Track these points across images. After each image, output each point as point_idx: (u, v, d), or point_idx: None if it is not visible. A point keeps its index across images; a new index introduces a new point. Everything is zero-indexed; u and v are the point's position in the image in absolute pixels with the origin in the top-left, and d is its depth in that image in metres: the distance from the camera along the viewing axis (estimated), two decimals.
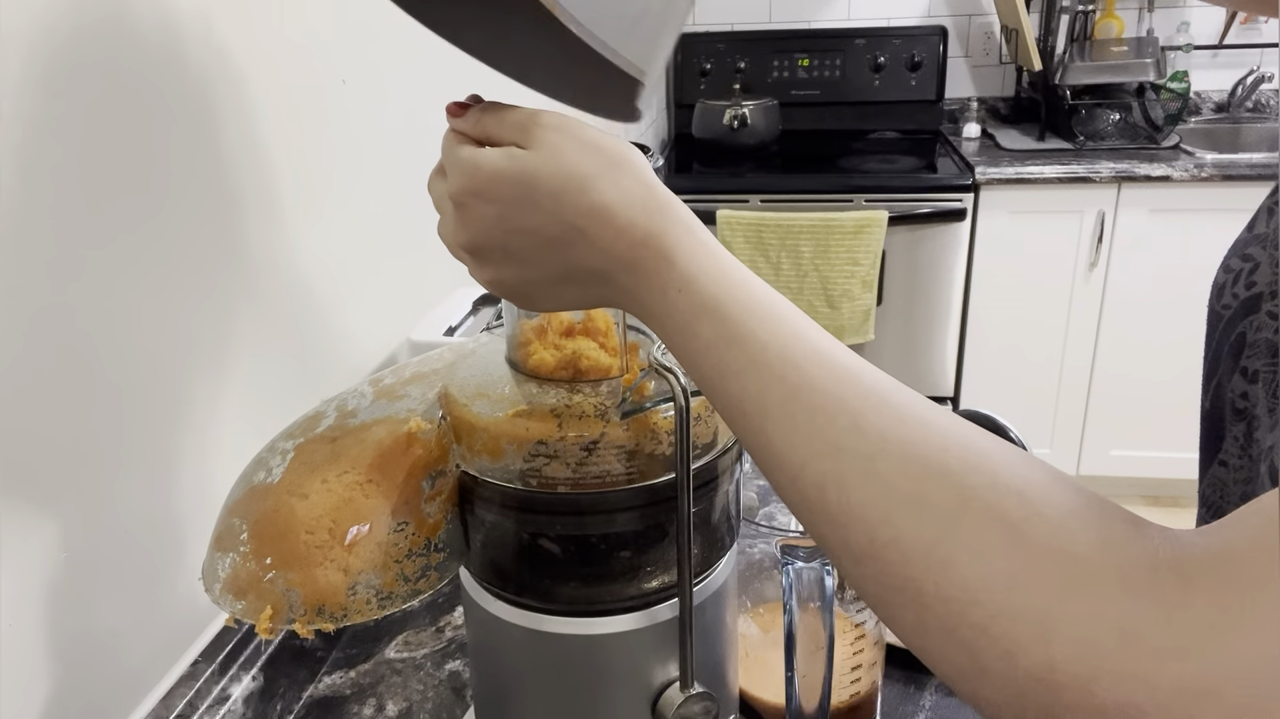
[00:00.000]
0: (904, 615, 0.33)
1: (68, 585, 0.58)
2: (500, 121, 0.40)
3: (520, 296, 0.42)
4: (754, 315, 0.37)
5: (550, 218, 0.38)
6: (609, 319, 0.47)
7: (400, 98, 1.03)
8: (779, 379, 0.36)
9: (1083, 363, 2.37)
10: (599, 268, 0.39)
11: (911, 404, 0.35)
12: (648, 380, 0.44)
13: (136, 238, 0.62)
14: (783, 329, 0.37)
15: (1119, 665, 0.27)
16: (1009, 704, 0.30)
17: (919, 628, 0.32)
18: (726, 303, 0.37)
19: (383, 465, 0.44)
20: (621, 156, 0.39)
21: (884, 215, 2.16)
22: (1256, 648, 0.26)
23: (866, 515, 0.34)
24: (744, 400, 0.37)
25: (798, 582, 0.57)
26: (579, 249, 0.38)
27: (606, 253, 0.38)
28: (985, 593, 0.30)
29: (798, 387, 0.36)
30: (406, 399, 0.47)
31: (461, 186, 0.40)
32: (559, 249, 0.39)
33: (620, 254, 0.38)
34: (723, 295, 0.37)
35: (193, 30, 0.67)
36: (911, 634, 0.33)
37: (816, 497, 0.35)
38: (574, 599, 0.47)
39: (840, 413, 0.35)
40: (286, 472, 0.44)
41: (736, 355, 0.37)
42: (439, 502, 0.45)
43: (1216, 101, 2.65)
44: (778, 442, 0.36)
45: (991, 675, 0.30)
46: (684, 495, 0.44)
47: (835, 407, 0.35)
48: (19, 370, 0.53)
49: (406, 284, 1.06)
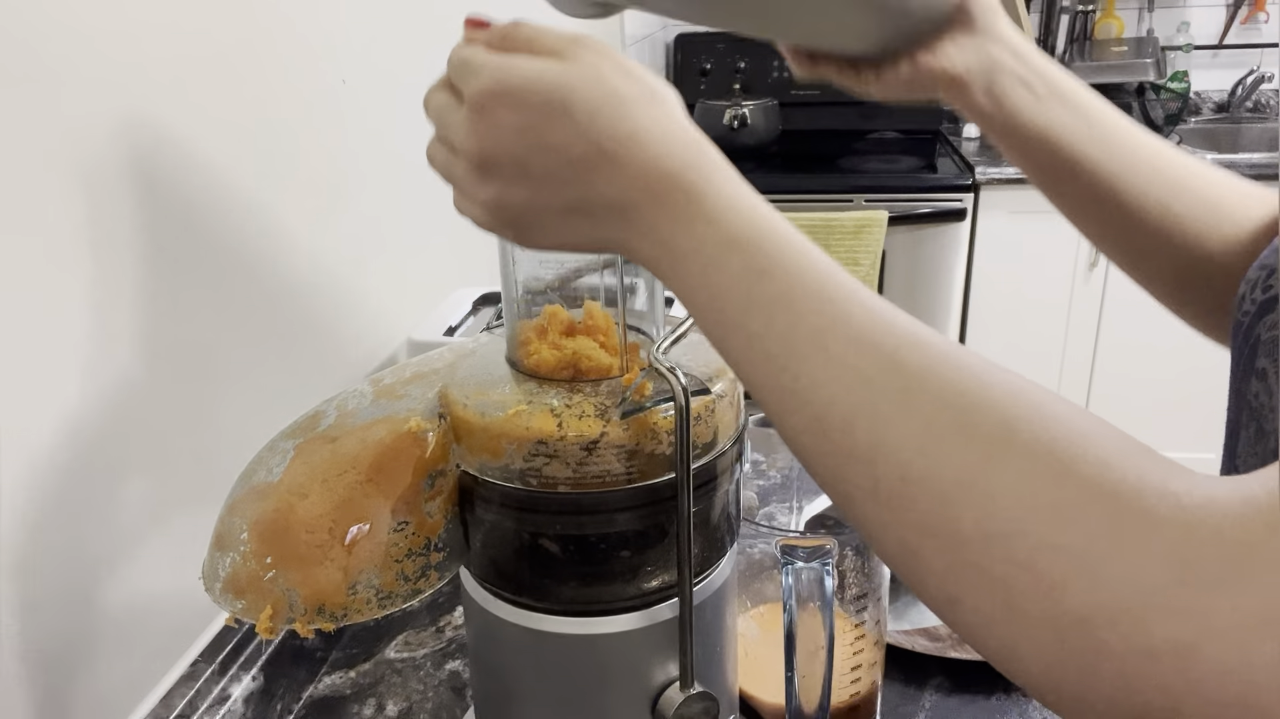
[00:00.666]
0: (933, 561, 0.31)
1: (68, 585, 0.58)
2: (535, 35, 0.38)
3: (520, 225, 0.39)
4: (787, 250, 0.36)
5: (580, 136, 0.36)
6: (609, 318, 0.47)
7: (401, 98, 1.03)
8: (813, 313, 0.34)
9: (1083, 363, 2.37)
10: (619, 199, 0.36)
11: (949, 344, 0.34)
12: (647, 380, 0.44)
13: (136, 238, 0.62)
14: (817, 266, 0.35)
15: (1171, 600, 0.26)
16: (1046, 652, 0.28)
17: (950, 573, 0.30)
18: (758, 237, 0.36)
19: (383, 465, 0.44)
20: (660, 89, 0.38)
21: (884, 215, 2.16)
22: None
23: (901, 449, 0.32)
24: (768, 338, 0.35)
25: (797, 581, 0.57)
26: (602, 174, 0.36)
27: (633, 181, 0.36)
28: (1030, 524, 0.29)
29: (834, 319, 0.34)
30: (407, 399, 0.47)
31: (485, 88, 0.37)
32: (581, 171, 0.36)
33: (649, 184, 0.36)
34: (755, 229, 0.36)
35: (193, 30, 0.67)
36: (941, 581, 0.31)
37: (842, 435, 0.33)
38: (574, 599, 0.47)
39: (878, 346, 0.33)
40: (286, 471, 0.44)
41: (767, 288, 0.35)
42: (439, 501, 0.45)
43: (1216, 101, 2.65)
44: (803, 379, 0.34)
45: (1029, 619, 0.28)
46: (684, 495, 0.44)
47: (872, 340, 0.33)
48: (19, 370, 0.53)
49: (406, 284, 1.06)
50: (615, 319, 0.47)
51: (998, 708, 0.69)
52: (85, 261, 0.58)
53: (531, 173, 0.37)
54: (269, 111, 0.77)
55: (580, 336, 0.46)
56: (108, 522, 0.61)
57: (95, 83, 0.58)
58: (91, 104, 0.58)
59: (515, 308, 0.48)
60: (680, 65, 2.70)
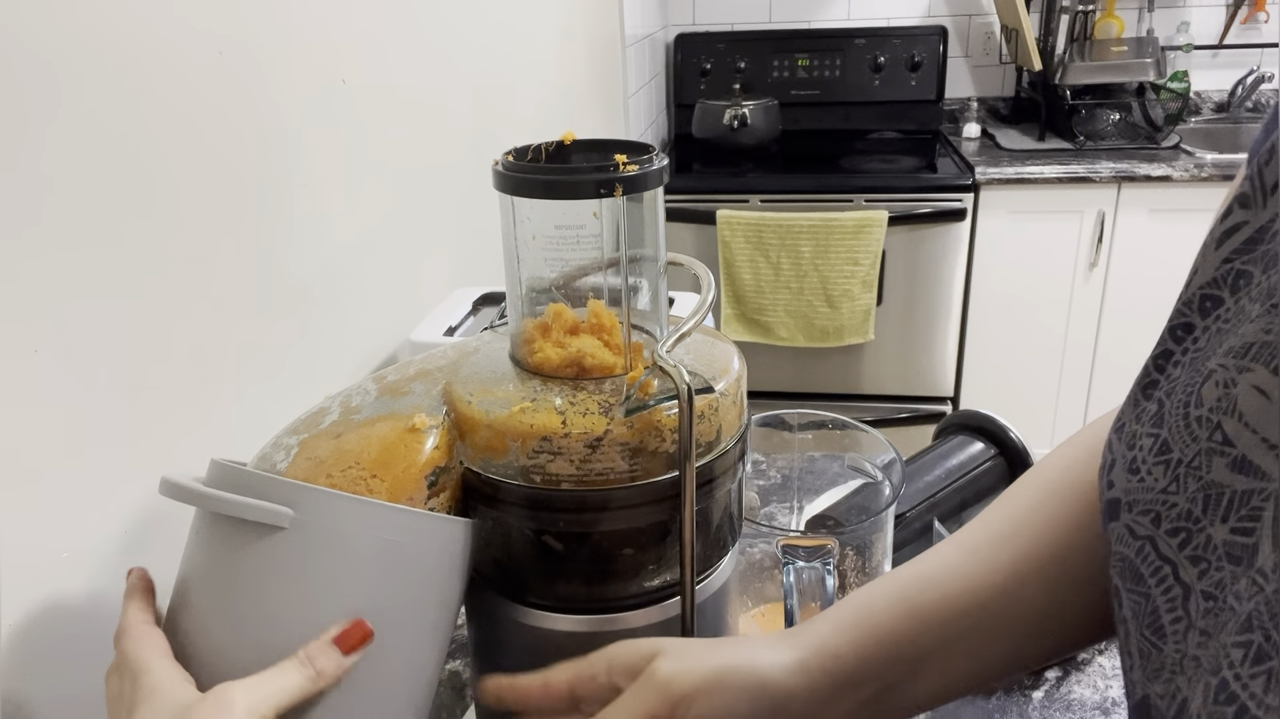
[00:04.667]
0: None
1: (68, 585, 0.58)
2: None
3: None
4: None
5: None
6: (613, 317, 0.47)
7: (401, 98, 1.03)
8: None
9: (1083, 363, 2.37)
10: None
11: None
12: (651, 378, 0.44)
13: (135, 238, 0.62)
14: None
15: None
16: None
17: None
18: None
19: (388, 461, 0.44)
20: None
21: (884, 215, 2.16)
22: None
23: None
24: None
25: (799, 580, 0.57)
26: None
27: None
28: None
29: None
30: (411, 395, 0.47)
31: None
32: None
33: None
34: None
35: (194, 31, 0.67)
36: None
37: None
38: (576, 597, 0.47)
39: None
40: (290, 467, 0.44)
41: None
42: (442, 498, 0.45)
43: (1216, 101, 2.66)
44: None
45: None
46: (687, 492, 0.44)
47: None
48: (18, 369, 0.53)
49: (406, 284, 1.06)
50: (619, 318, 0.47)
51: (998, 708, 0.69)
52: (84, 261, 0.58)
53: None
54: (269, 111, 0.77)
55: (584, 335, 0.46)
56: (108, 520, 0.61)
57: (95, 82, 0.58)
58: (92, 104, 0.58)
59: (520, 306, 0.48)
60: (680, 65, 2.70)
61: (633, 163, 0.44)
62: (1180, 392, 0.33)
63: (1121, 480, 0.34)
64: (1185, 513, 0.31)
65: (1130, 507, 0.33)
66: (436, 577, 0.45)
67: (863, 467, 0.69)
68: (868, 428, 0.68)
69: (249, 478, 0.42)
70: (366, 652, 0.42)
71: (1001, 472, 0.88)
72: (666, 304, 0.50)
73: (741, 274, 2.26)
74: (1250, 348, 0.30)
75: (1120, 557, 0.34)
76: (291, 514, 0.41)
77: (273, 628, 0.42)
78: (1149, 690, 0.31)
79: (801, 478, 0.75)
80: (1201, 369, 0.32)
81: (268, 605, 0.42)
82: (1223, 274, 0.34)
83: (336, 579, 0.42)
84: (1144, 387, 0.36)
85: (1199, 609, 0.29)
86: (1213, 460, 0.30)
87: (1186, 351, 0.35)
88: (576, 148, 0.49)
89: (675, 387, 0.42)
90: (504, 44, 1.37)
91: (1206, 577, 0.29)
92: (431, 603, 0.45)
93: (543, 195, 0.44)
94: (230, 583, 0.43)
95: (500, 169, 0.45)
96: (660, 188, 0.45)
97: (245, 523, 0.41)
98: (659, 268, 0.48)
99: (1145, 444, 0.34)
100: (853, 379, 2.40)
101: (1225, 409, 0.30)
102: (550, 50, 1.62)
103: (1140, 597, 0.32)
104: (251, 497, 0.41)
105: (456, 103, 1.19)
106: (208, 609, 0.44)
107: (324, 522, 0.41)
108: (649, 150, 0.45)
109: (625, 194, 0.43)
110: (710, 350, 0.50)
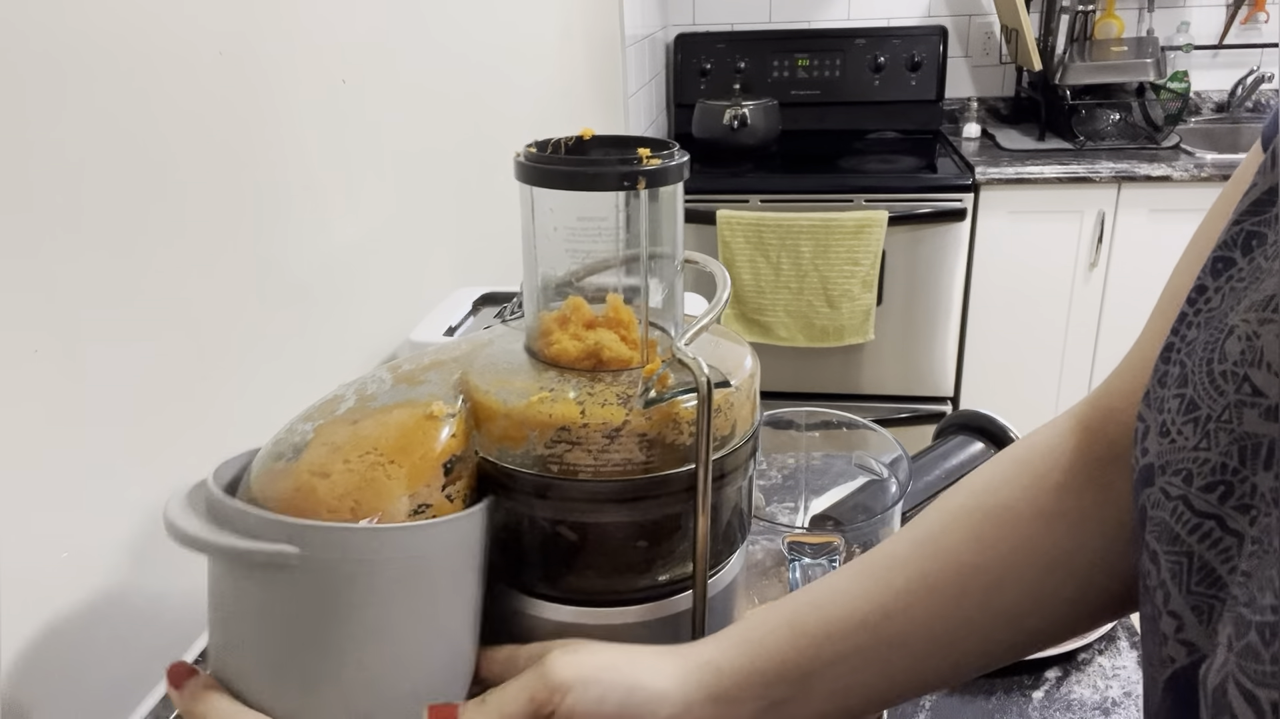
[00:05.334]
0: None
1: (68, 584, 0.57)
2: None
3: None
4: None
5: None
6: (631, 312, 0.47)
7: (401, 98, 1.03)
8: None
9: (1083, 363, 2.37)
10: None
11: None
12: (669, 371, 0.44)
13: (135, 238, 0.62)
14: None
15: None
16: None
17: None
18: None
19: (406, 447, 0.43)
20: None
21: (884, 215, 2.16)
22: None
23: None
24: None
25: (804, 578, 0.57)
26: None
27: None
28: None
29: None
30: (427, 384, 0.47)
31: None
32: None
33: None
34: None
35: (195, 31, 0.67)
36: None
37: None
38: (589, 589, 0.47)
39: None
40: (307, 451, 0.44)
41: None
42: (459, 485, 0.45)
43: (1216, 101, 2.66)
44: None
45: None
46: (703, 485, 0.44)
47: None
48: (18, 368, 0.53)
49: (406, 284, 1.05)
50: (636, 314, 0.47)
51: (998, 708, 0.69)
52: (84, 261, 0.58)
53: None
54: (269, 111, 0.77)
55: (602, 329, 0.46)
56: (108, 520, 0.60)
57: (95, 82, 0.58)
58: (92, 104, 0.58)
59: (537, 298, 0.48)
60: (680, 65, 2.70)
61: (656, 157, 0.44)
62: (1200, 350, 0.34)
63: (1154, 445, 0.35)
64: (1219, 467, 0.31)
65: (1163, 469, 0.34)
66: (460, 566, 0.45)
67: (869, 464, 0.69)
68: (875, 426, 0.68)
69: (254, 520, 0.41)
70: (414, 648, 0.43)
71: None
72: (682, 302, 0.50)
73: (741, 274, 2.26)
74: (1272, 299, 0.30)
75: (1156, 521, 0.34)
76: (297, 552, 0.40)
77: (312, 660, 0.42)
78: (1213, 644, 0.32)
79: (807, 475, 0.74)
80: (1221, 327, 0.33)
81: (300, 642, 0.42)
82: (1233, 236, 0.35)
83: (363, 605, 0.42)
84: (1162, 351, 0.37)
85: (1246, 554, 0.30)
86: (1243, 413, 0.30)
87: (1200, 312, 0.35)
88: (595, 143, 0.49)
89: (695, 379, 0.42)
90: (504, 45, 1.37)
91: (1256, 524, 0.30)
92: (462, 587, 0.45)
93: (565, 187, 0.44)
94: (263, 623, 0.43)
95: (522, 160, 0.45)
96: (680, 184, 0.46)
97: (257, 565, 0.41)
98: (676, 265, 0.48)
99: (1172, 406, 0.34)
100: (853, 379, 2.40)
101: (1251, 361, 0.30)
102: (550, 51, 1.62)
103: (1181, 556, 0.32)
104: (257, 538, 0.41)
105: (457, 103, 1.18)
106: (246, 650, 0.44)
107: (334, 555, 0.41)
108: (670, 146, 0.45)
109: (648, 188, 0.43)
110: (722, 348, 0.50)
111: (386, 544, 0.41)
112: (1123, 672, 0.72)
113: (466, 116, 1.22)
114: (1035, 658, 0.72)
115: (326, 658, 0.42)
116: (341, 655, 0.42)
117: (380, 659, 0.43)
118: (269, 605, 0.42)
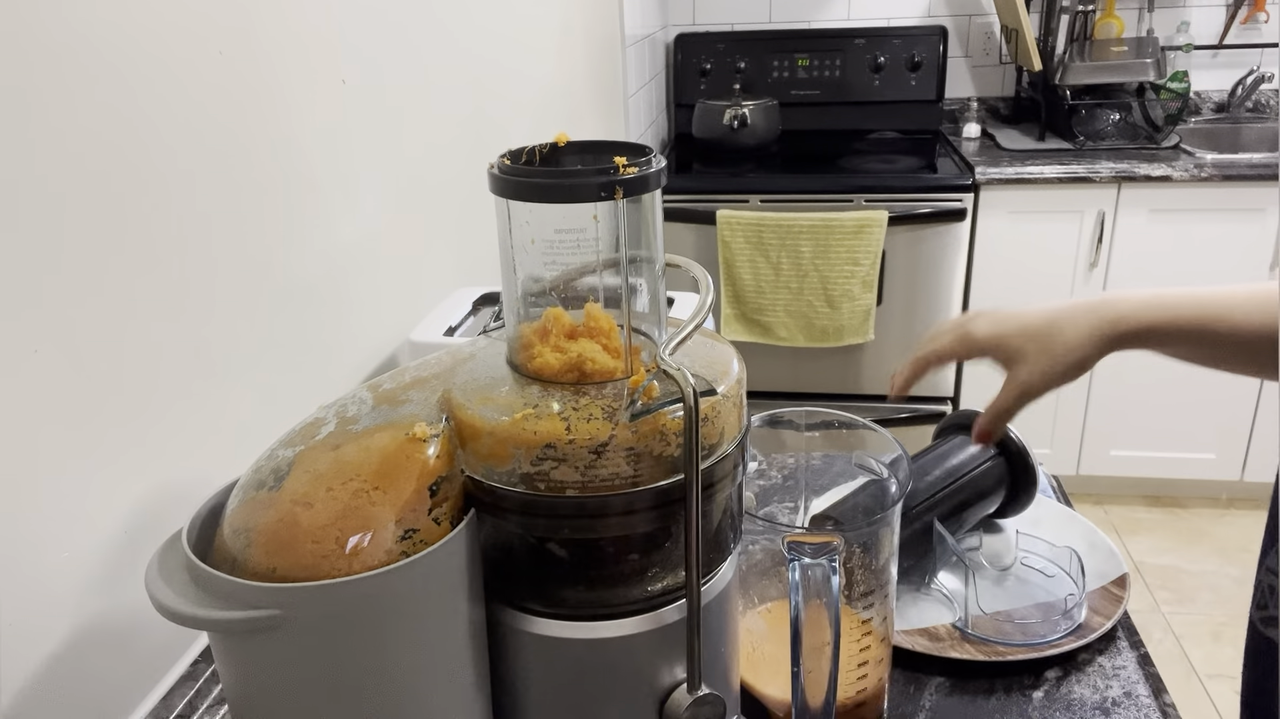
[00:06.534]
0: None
1: (68, 586, 0.58)
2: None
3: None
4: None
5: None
6: (610, 320, 0.46)
7: (401, 98, 1.03)
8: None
9: None
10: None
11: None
12: (654, 382, 0.44)
13: (135, 239, 0.62)
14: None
15: None
16: None
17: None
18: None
19: (388, 472, 0.43)
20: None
21: (884, 215, 2.16)
22: None
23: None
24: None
25: (804, 578, 0.56)
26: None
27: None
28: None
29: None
30: (408, 404, 0.46)
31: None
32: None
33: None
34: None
35: (195, 31, 0.67)
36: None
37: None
38: (581, 603, 0.46)
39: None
40: (289, 480, 0.43)
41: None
42: (445, 507, 0.44)
43: (1216, 101, 2.66)
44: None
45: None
46: (693, 495, 0.43)
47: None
48: (18, 369, 0.53)
49: (407, 284, 1.05)
50: (618, 321, 0.46)
51: (998, 708, 0.69)
52: (84, 261, 0.58)
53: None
54: (269, 112, 0.77)
55: (582, 339, 0.46)
56: (107, 520, 0.61)
57: (96, 83, 0.58)
58: (92, 104, 0.58)
59: (516, 310, 0.47)
60: (680, 65, 2.70)
61: (632, 165, 0.43)
62: None
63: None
64: None
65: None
66: (449, 591, 0.44)
67: (869, 464, 0.69)
68: (875, 426, 0.68)
69: (234, 587, 0.41)
70: (422, 682, 0.43)
71: (1001, 472, 0.87)
72: (665, 306, 0.49)
73: (741, 274, 2.26)
74: None
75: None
76: (279, 614, 0.40)
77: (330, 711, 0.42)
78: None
79: (808, 475, 0.74)
80: None
81: (310, 701, 0.42)
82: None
83: (362, 650, 0.42)
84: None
85: None
86: None
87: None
88: (570, 149, 0.48)
89: (680, 389, 0.42)
90: (504, 45, 1.37)
91: None
92: (456, 612, 0.45)
93: (541, 199, 0.43)
94: (268, 687, 0.43)
95: (497, 172, 0.44)
96: (659, 189, 0.45)
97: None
98: (657, 270, 0.47)
99: None
100: (853, 379, 2.40)
101: None
102: (550, 50, 1.62)
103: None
104: (241, 605, 0.40)
105: (457, 103, 1.18)
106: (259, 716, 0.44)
107: (320, 611, 0.41)
108: (647, 151, 0.45)
109: (625, 196, 0.42)
110: (709, 353, 0.49)
111: (368, 590, 0.41)
112: (1123, 672, 0.72)
113: (467, 116, 1.22)
114: (1035, 658, 0.72)
115: (339, 712, 0.42)
116: (358, 707, 0.42)
117: (389, 703, 0.42)
118: (267, 668, 0.42)
